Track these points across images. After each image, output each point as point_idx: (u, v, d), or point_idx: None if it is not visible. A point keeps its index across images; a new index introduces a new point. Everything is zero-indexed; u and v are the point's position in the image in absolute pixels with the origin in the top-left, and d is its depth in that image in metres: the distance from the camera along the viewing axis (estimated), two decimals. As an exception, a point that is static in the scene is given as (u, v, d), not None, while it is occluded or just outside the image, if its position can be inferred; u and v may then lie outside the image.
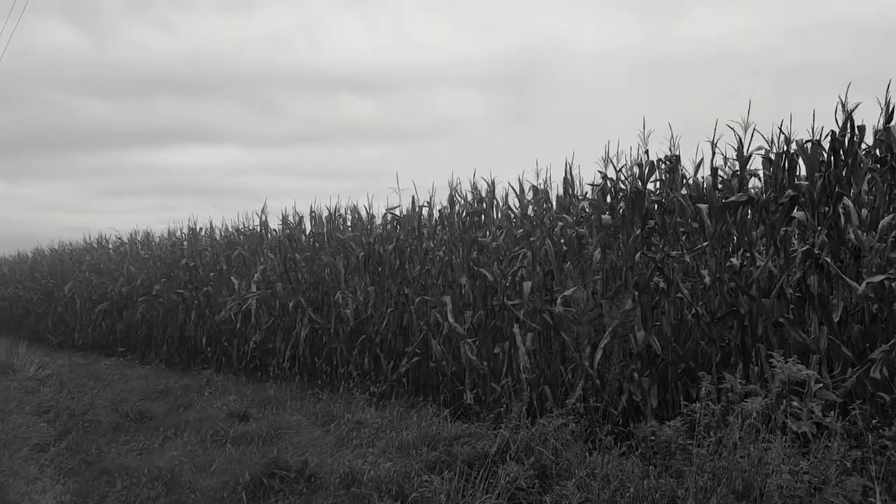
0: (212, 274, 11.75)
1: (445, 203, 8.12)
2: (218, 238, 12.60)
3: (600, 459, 4.56)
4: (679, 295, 5.65)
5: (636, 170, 6.14)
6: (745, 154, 5.58)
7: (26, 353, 12.03)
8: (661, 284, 5.76)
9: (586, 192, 6.93)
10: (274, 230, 11.31)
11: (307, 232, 10.43)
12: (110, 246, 16.38)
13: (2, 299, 21.29)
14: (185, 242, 13.39)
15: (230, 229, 12.31)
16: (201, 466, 5.35)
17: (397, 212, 8.78)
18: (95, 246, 17.08)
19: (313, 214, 10.42)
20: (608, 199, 6.28)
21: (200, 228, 13.20)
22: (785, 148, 5.33)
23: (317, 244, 9.91)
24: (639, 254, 5.79)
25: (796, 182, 5.27)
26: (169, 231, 14.21)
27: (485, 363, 6.67)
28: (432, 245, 8.06)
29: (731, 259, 5.46)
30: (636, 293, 5.68)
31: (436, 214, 8.37)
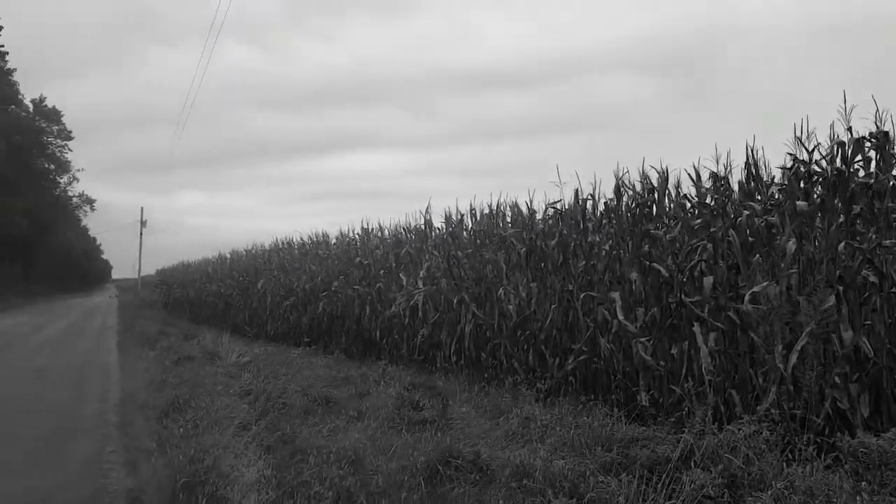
0: (382, 271, 12.48)
1: (611, 195, 7.82)
2: (387, 237, 13.36)
3: (800, 471, 4.12)
4: (894, 290, 4.92)
5: (837, 149, 5.46)
6: (983, 123, 4.71)
7: (228, 343, 13.66)
8: (872, 278, 5.06)
9: (774, 177, 6.28)
10: (438, 228, 11.72)
11: (468, 229, 10.65)
12: (295, 247, 18.10)
13: (208, 295, 24.53)
14: (357, 242, 14.38)
15: (399, 228, 12.98)
16: (381, 450, 5.66)
17: (559, 206, 8.64)
18: (282, 247, 19.00)
19: (473, 212, 10.63)
20: (802, 183, 5.65)
21: (371, 229, 14.10)
22: None
23: (478, 241, 10.08)
24: (843, 244, 5.14)
25: None
26: (341, 232, 15.43)
27: (661, 364, 6.32)
28: (598, 239, 7.80)
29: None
30: (840, 288, 5.04)
31: (601, 207, 8.09)
